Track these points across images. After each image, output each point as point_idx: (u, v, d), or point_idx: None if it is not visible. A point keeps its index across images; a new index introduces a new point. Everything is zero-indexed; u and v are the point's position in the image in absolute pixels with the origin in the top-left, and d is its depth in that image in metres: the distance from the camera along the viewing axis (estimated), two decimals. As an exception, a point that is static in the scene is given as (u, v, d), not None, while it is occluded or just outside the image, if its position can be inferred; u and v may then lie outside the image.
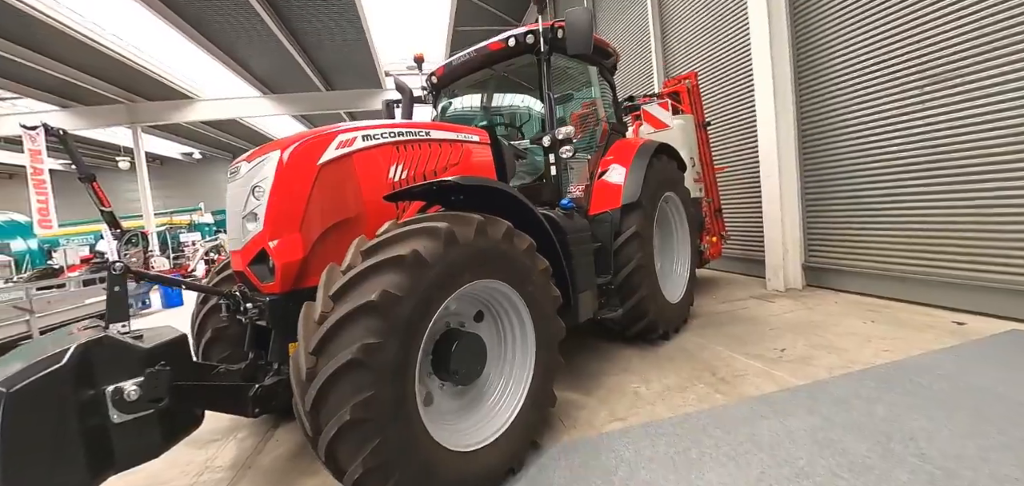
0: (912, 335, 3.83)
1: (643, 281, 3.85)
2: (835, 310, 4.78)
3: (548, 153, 3.64)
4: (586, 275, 3.28)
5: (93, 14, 13.14)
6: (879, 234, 4.97)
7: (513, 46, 3.72)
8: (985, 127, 3.98)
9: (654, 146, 4.18)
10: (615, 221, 3.83)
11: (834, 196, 5.42)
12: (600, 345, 4.39)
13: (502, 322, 2.67)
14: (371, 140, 2.81)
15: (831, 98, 5.25)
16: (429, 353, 2.38)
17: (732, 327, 4.56)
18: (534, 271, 2.55)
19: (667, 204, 4.70)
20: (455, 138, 3.35)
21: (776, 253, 5.79)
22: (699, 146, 6.20)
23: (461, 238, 2.15)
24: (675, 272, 4.84)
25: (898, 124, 4.61)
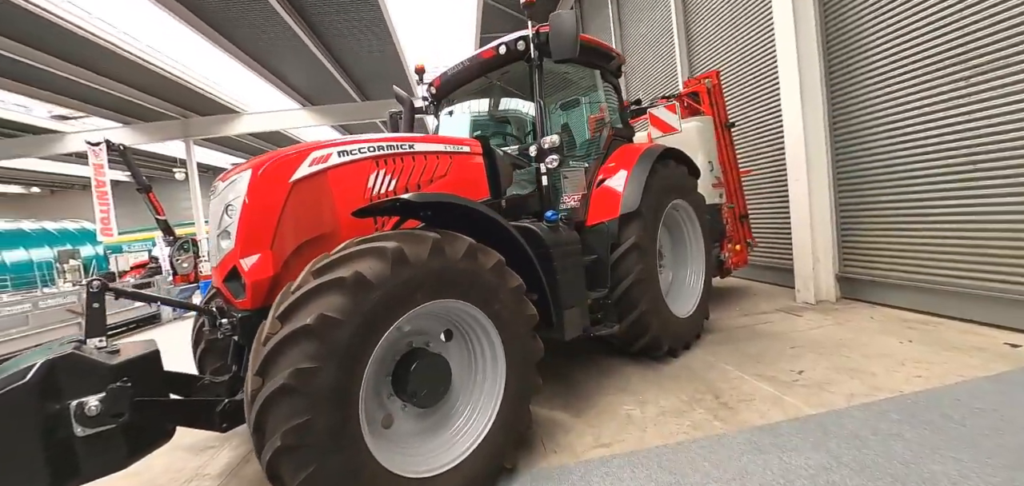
0: (954, 358, 3.39)
1: (643, 296, 3.63)
2: (869, 327, 4.33)
3: (536, 163, 3.51)
4: (574, 290, 3.12)
5: (148, 37, 14.25)
6: (923, 242, 4.47)
7: (504, 54, 3.63)
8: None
9: (659, 151, 3.95)
10: (613, 232, 3.64)
11: (871, 200, 4.94)
12: (602, 361, 4.19)
13: (471, 342, 2.57)
14: (347, 156, 2.79)
15: (866, 91, 4.79)
16: (389, 373, 2.32)
17: (749, 344, 4.23)
18: (502, 289, 2.44)
19: (677, 212, 4.44)
20: (442, 150, 3.30)
21: (805, 262, 5.34)
22: (721, 148, 5.85)
23: (412, 258, 2.07)
24: (687, 284, 4.56)
25: (944, 119, 4.12)
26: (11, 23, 11.93)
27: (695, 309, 4.35)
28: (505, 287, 2.46)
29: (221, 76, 17.54)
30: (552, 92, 4.69)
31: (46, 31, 12.40)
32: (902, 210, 4.64)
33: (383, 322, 2.01)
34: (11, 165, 20.91)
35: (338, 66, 17.28)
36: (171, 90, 17.25)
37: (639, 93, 9.54)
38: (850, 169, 5.14)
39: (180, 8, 12.10)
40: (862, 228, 5.13)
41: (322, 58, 15.73)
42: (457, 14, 14.38)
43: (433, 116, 4.66)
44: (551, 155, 3.28)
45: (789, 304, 5.46)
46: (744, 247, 6.05)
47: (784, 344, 4.12)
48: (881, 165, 4.77)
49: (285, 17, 12.67)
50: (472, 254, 2.32)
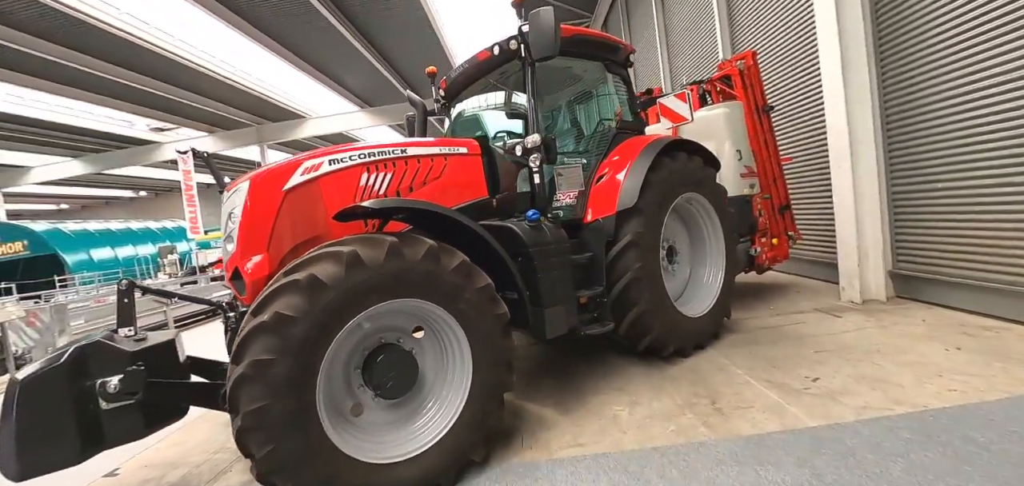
0: (1007, 371, 2.94)
1: (642, 294, 3.51)
2: (917, 331, 3.85)
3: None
4: (558, 289, 3.10)
5: (224, 54, 15.86)
6: (989, 236, 3.88)
7: (498, 54, 3.64)
8: None
9: (664, 143, 3.77)
10: (609, 229, 3.55)
11: (929, 188, 4.36)
12: (609, 360, 4.10)
13: (442, 339, 2.66)
14: (338, 164, 2.99)
15: (923, 63, 4.21)
16: (359, 366, 2.48)
17: (770, 347, 3.94)
18: (467, 289, 2.51)
19: (692, 205, 4.22)
20: (437, 152, 3.41)
21: (850, 258, 4.84)
22: (755, 134, 5.43)
23: (367, 260, 2.21)
24: (705, 282, 4.32)
25: (1015, 93, 3.53)
26: (114, 50, 13.82)
27: (711, 308, 4.12)
28: (470, 287, 2.53)
29: (288, 85, 19.11)
30: (560, 88, 4.64)
31: (142, 56, 14.27)
32: (965, 199, 4.06)
33: (338, 320, 2.17)
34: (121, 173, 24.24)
35: (390, 68, 18.10)
36: (246, 100, 19.08)
37: (682, 79, 9.07)
38: (905, 153, 4.56)
39: (249, 27, 13.32)
40: (919, 220, 4.55)
41: (376, 63, 16.57)
42: (499, 7, 14.45)
43: (446, 118, 4.79)
44: (534, 154, 3.27)
45: (832, 303, 4.98)
46: (784, 240, 5.59)
47: (809, 348, 3.79)
48: (940, 148, 4.19)
49: (340, 28, 13.53)
50: (432, 256, 2.41)
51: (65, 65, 13.95)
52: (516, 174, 3.66)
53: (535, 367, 4.26)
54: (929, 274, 4.44)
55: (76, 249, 17.35)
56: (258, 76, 18.06)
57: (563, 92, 4.70)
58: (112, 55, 14.13)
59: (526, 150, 3.30)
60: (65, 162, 21.19)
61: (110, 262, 17.58)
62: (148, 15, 13.20)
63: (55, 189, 26.06)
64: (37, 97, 15.63)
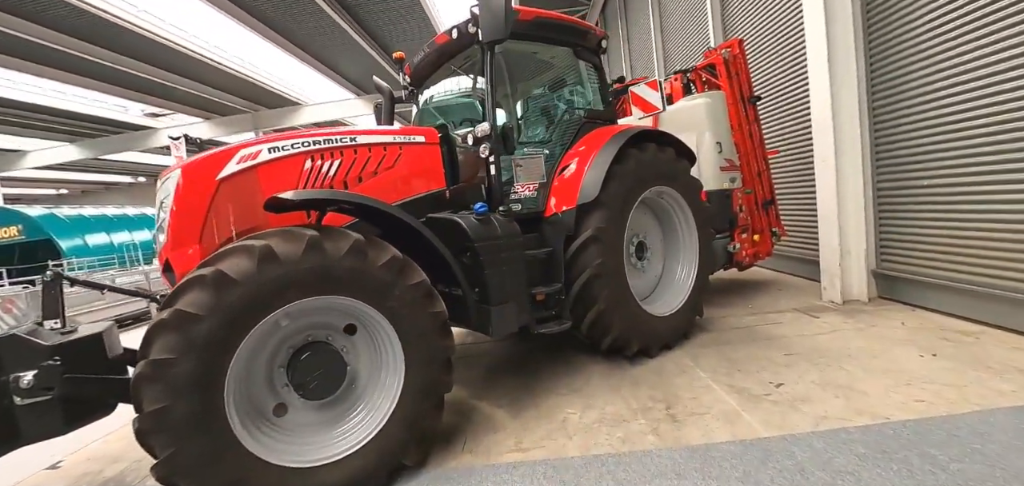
0: (982, 380, 2.78)
1: (602, 292, 3.36)
2: (894, 335, 3.68)
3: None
4: (508, 285, 2.95)
5: (219, 40, 15.68)
6: (974, 237, 3.68)
7: (457, 38, 3.47)
8: None
9: (631, 134, 3.59)
10: (569, 223, 3.39)
11: (915, 185, 4.15)
12: (571, 357, 3.96)
13: (376, 338, 2.52)
14: (278, 152, 2.85)
15: (912, 56, 3.99)
16: (284, 364, 2.35)
17: (740, 348, 3.78)
18: (397, 286, 2.37)
19: (664, 200, 4.05)
20: (390, 141, 3.27)
21: (832, 257, 4.66)
22: (738, 126, 5.22)
23: (283, 255, 2.08)
24: (677, 279, 4.16)
25: (1005, 91, 3.31)
26: (108, 36, 13.68)
27: (681, 307, 3.96)
28: (402, 283, 2.40)
29: (284, 72, 18.89)
30: (532, 75, 4.45)
31: (137, 41, 14.12)
32: (949, 199, 3.86)
33: (250, 317, 2.03)
34: (119, 158, 24.22)
35: (385, 55, 17.83)
36: (241, 87, 18.86)
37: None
38: (891, 149, 4.36)
39: (243, 14, 13.13)
40: (903, 219, 4.36)
41: (370, 49, 16.31)
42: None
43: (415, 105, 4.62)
44: (484, 144, 3.11)
45: (812, 303, 4.81)
46: (768, 237, 5.40)
47: (780, 350, 3.63)
48: (926, 145, 3.98)
49: (332, 14, 13.30)
50: (358, 251, 2.27)
51: (58, 50, 13.79)
52: (477, 164, 3.51)
53: (498, 363, 4.13)
54: (913, 275, 4.26)
55: (71, 234, 17.31)
56: (252, 62, 17.83)
57: (535, 80, 4.51)
58: (106, 40, 13.96)
59: (476, 139, 3.14)
60: (61, 147, 21.12)
61: (105, 248, 17.52)
62: (142, 1, 13.08)
63: (54, 174, 26.09)
64: (29, 81, 15.52)
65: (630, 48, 12.28)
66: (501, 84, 4.25)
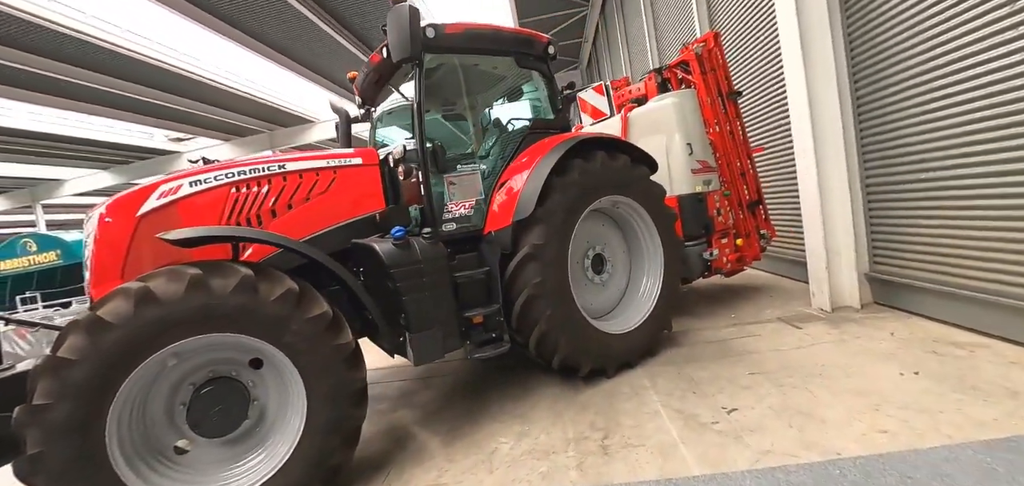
0: (961, 407, 2.43)
1: (543, 312, 3.17)
2: (879, 348, 3.32)
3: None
4: (431, 311, 2.82)
5: (229, 65, 16.34)
6: (976, 238, 3.27)
7: (386, 56, 3.37)
8: None
9: (573, 142, 3.38)
10: (505, 242, 3.21)
11: (905, 179, 3.76)
12: (528, 378, 3.76)
13: (282, 372, 2.43)
14: (199, 186, 2.83)
15: (897, 33, 3.61)
16: (186, 402, 2.30)
17: (705, 366, 3.49)
18: (294, 320, 2.28)
19: (622, 210, 3.81)
20: (322, 165, 3.23)
21: (818, 260, 4.28)
22: (714, 123, 4.91)
23: (163, 295, 2.05)
24: (641, 293, 3.91)
25: (1006, 70, 2.92)
26: (132, 71, 14.47)
27: (643, 323, 3.71)
28: (299, 317, 2.31)
29: (296, 93, 19.52)
30: (485, 88, 4.30)
31: (158, 74, 14.88)
32: (944, 196, 3.45)
33: (129, 359, 2.02)
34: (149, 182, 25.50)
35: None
36: (257, 109, 19.54)
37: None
38: (878, 138, 3.97)
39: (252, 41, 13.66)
40: (895, 217, 3.95)
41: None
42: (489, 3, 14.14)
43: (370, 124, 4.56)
44: (402, 163, 3.00)
45: (799, 311, 4.43)
46: (754, 240, 5.05)
47: (746, 368, 3.33)
48: (916, 132, 3.59)
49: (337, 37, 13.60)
50: (247, 286, 2.20)
51: (87, 85, 14.68)
52: (418, 187, 3.39)
53: (457, 385, 3.98)
54: (907, 279, 3.85)
55: (104, 257, 18.34)
56: (265, 85, 18.49)
57: (481, 93, 4.35)
58: (131, 74, 14.80)
59: (395, 159, 3.03)
60: (95, 174, 22.43)
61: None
62: (163, 37, 13.87)
63: (92, 200, 27.71)
64: (60, 115, 16.51)
65: (629, 50, 11.95)
66: (438, 99, 4.16)
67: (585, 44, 17.12)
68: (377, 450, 3.03)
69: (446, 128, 4.45)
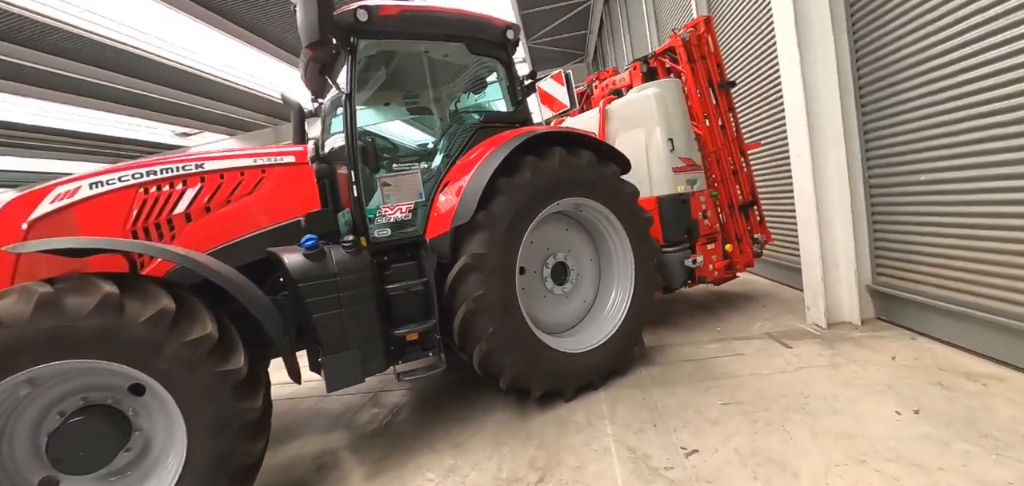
0: (966, 460, 2.00)
1: (484, 330, 2.81)
2: (877, 376, 2.87)
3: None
4: (345, 331, 2.49)
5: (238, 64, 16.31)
6: (993, 251, 2.78)
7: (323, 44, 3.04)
8: None
9: (524, 138, 3.00)
10: (444, 249, 2.86)
11: (915, 183, 3.27)
12: (481, 398, 3.41)
13: (165, 400, 2.12)
14: (101, 187, 2.56)
15: (903, 17, 3.11)
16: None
17: (674, 391, 3.09)
18: (169, 343, 1.99)
19: (587, 213, 3.42)
20: (248, 164, 2.94)
21: (813, 271, 3.82)
22: (703, 116, 4.46)
23: (7, 318, 1.79)
24: (609, 306, 3.51)
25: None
26: (138, 67, 14.54)
27: (609, 339, 3.32)
28: (176, 340, 2.00)
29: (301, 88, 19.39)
30: (448, 79, 3.93)
31: (158, 68, 14.92)
32: (956, 201, 2.97)
33: None
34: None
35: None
36: (262, 104, 19.52)
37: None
38: (883, 138, 3.48)
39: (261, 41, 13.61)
40: (900, 224, 3.47)
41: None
42: None
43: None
44: (323, 162, 2.68)
45: (791, 326, 3.98)
46: (747, 244, 4.59)
47: (720, 396, 2.92)
48: (926, 132, 3.10)
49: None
50: (110, 306, 1.91)
51: (88, 81, 14.79)
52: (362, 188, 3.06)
53: (406, 400, 3.63)
54: (913, 295, 3.37)
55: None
56: (265, 79, 18.40)
57: (456, 83, 3.98)
58: (132, 69, 14.87)
59: (313, 157, 2.70)
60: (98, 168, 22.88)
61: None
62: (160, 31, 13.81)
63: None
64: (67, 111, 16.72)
65: (631, 39, 11.41)
66: (400, 90, 3.81)
67: (590, 36, 16.56)
68: (294, 480, 2.73)
69: (412, 123, 4.10)
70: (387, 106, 3.89)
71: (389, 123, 3.63)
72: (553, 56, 17.89)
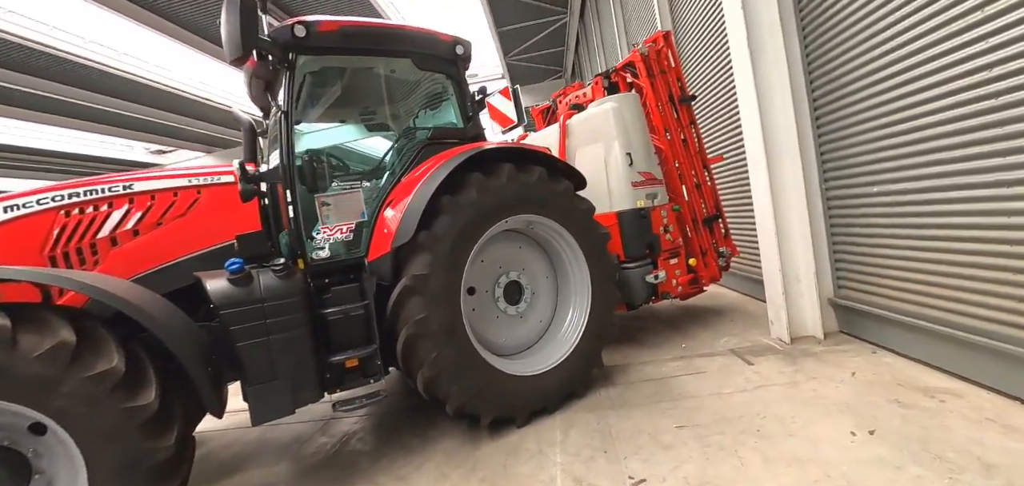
0: (923, 482, 1.91)
1: (427, 355, 2.67)
2: (835, 394, 2.79)
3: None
4: (272, 360, 2.34)
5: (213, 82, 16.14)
6: (946, 264, 2.74)
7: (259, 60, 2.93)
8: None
9: (469, 154, 2.90)
10: (384, 271, 2.73)
11: (865, 193, 3.24)
12: (430, 422, 3.25)
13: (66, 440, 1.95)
14: (16, 211, 2.41)
15: (848, 22, 3.11)
16: None
17: (631, 413, 2.97)
18: (66, 380, 1.85)
19: (540, 230, 3.32)
20: (183, 184, 2.83)
21: (774, 285, 3.76)
22: (664, 130, 4.43)
23: None
24: (566, 326, 3.40)
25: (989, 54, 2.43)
26: (114, 85, 14.28)
27: (564, 361, 3.20)
28: (75, 376, 1.85)
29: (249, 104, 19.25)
30: (404, 95, 3.83)
31: (137, 88, 14.69)
32: (909, 212, 2.93)
33: None
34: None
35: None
36: (233, 120, 19.34)
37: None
38: (836, 148, 3.46)
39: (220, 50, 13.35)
40: (857, 236, 3.44)
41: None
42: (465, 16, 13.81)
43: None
44: (251, 183, 2.57)
45: (756, 342, 3.90)
46: (711, 258, 4.53)
47: (676, 419, 2.81)
48: (875, 142, 3.07)
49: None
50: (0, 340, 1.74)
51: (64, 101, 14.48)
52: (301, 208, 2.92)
53: (358, 427, 3.46)
54: (873, 308, 3.32)
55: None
56: (238, 97, 18.25)
57: (411, 99, 3.88)
58: (112, 89, 14.61)
59: (245, 177, 2.59)
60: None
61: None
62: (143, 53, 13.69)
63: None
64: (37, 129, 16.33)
65: (605, 54, 11.52)
66: (356, 107, 3.70)
67: (567, 52, 16.72)
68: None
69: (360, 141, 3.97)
70: (343, 123, 3.78)
71: (336, 140, 3.51)
72: (533, 72, 18.02)
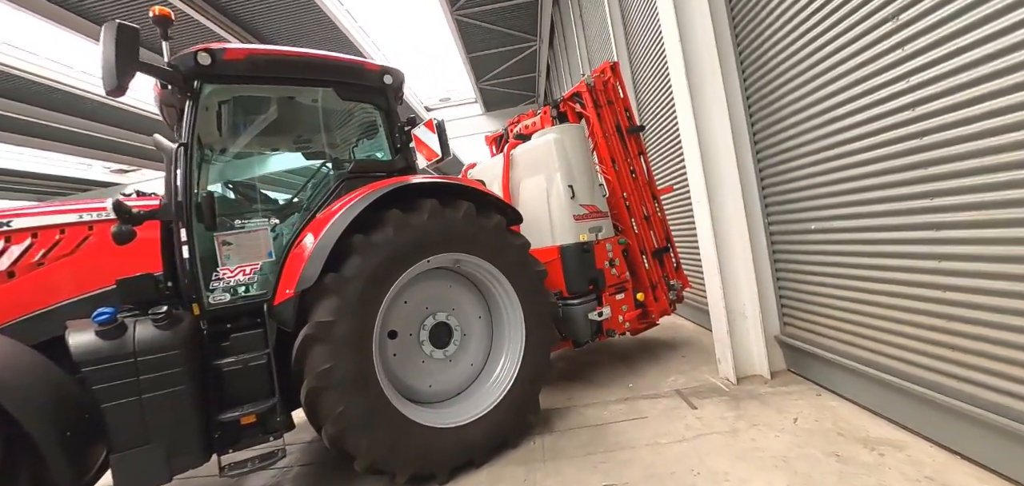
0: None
1: (333, 409, 2.43)
2: (772, 446, 2.63)
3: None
4: (146, 421, 2.07)
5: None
6: (888, 309, 2.64)
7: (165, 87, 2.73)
8: None
9: (386, 190, 2.71)
10: (288, 317, 2.50)
11: (803, 230, 3.16)
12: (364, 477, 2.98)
13: None
14: None
15: (780, 58, 3.06)
16: None
17: (558, 468, 2.76)
18: None
19: (468, 269, 3.14)
20: (71, 220, 2.60)
21: (720, 322, 3.64)
22: (612, 162, 4.34)
23: None
24: (498, 371, 3.20)
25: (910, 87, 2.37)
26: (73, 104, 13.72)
27: (495, 409, 2.98)
28: None
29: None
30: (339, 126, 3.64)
31: (99, 108, 14.13)
32: (846, 253, 2.85)
33: None
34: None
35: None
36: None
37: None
38: (775, 183, 3.40)
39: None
40: (798, 275, 3.35)
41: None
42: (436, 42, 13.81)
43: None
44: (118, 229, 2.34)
45: (705, 380, 3.75)
46: (661, 292, 4.41)
47: (606, 473, 2.61)
48: (809, 178, 3.01)
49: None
50: None
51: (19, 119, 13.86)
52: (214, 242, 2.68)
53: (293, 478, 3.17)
54: (816, 347, 3.21)
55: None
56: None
57: (346, 129, 3.69)
58: (69, 107, 14.04)
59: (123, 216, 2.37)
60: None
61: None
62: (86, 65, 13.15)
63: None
64: None
65: (572, 82, 11.57)
66: (289, 136, 3.50)
67: (539, 78, 16.87)
68: None
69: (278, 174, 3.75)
70: (264, 154, 3.56)
71: (247, 173, 3.29)
72: (506, 98, 18.10)
